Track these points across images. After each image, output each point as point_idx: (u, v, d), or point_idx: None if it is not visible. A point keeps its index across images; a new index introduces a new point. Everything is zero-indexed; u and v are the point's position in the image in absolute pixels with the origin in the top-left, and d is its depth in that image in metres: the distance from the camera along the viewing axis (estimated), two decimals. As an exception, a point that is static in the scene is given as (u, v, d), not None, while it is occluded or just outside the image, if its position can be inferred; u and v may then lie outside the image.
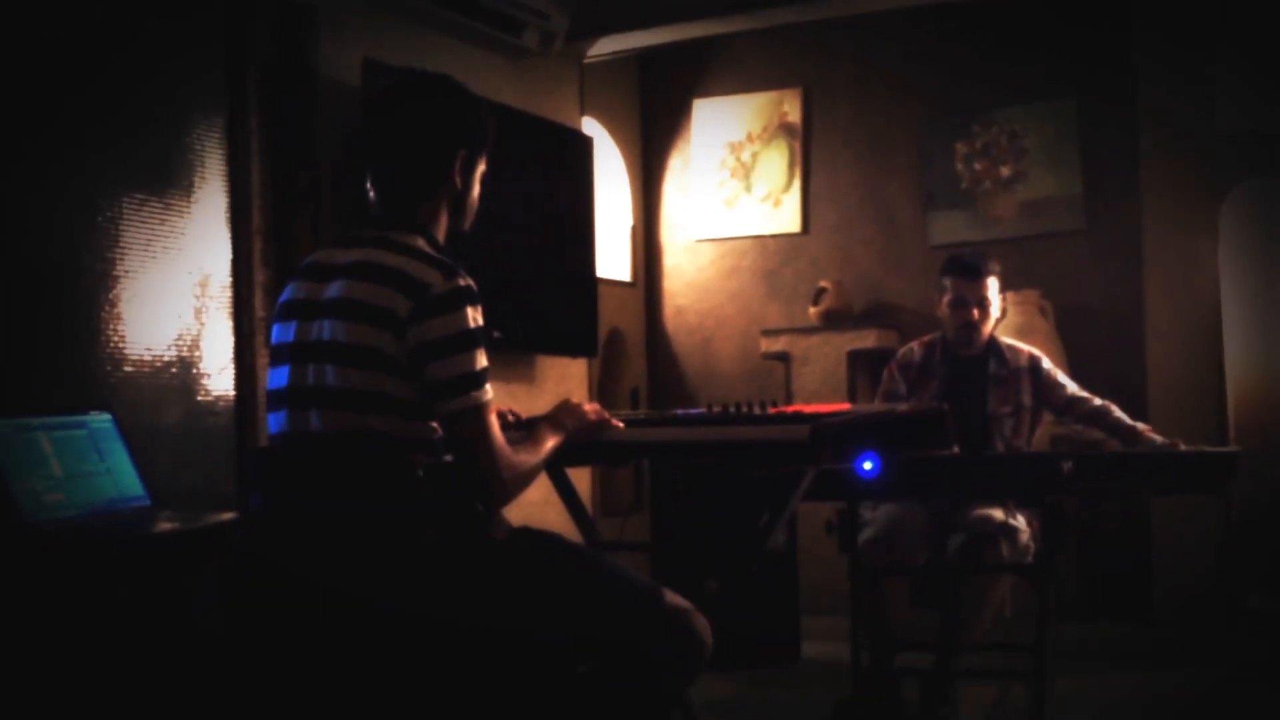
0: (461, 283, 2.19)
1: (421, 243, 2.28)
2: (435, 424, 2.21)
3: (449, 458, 2.23)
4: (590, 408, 2.60)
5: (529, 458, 2.31)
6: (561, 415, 2.52)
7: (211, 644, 2.68)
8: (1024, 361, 3.98)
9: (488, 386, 2.20)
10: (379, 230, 2.31)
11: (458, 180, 2.36)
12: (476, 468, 2.19)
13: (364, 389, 2.17)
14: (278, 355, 2.30)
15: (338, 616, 2.15)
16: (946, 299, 3.99)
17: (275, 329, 2.33)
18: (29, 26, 3.25)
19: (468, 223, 2.44)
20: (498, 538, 2.24)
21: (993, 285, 3.96)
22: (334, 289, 2.23)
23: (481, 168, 2.43)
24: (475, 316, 2.20)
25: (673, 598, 2.30)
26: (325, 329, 2.21)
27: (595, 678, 2.30)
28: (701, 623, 2.31)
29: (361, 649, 2.18)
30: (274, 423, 2.29)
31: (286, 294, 2.33)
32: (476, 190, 2.43)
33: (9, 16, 3.19)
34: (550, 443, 2.41)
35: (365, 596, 2.12)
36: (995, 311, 4.00)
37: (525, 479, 2.28)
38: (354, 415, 2.17)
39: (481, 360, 2.20)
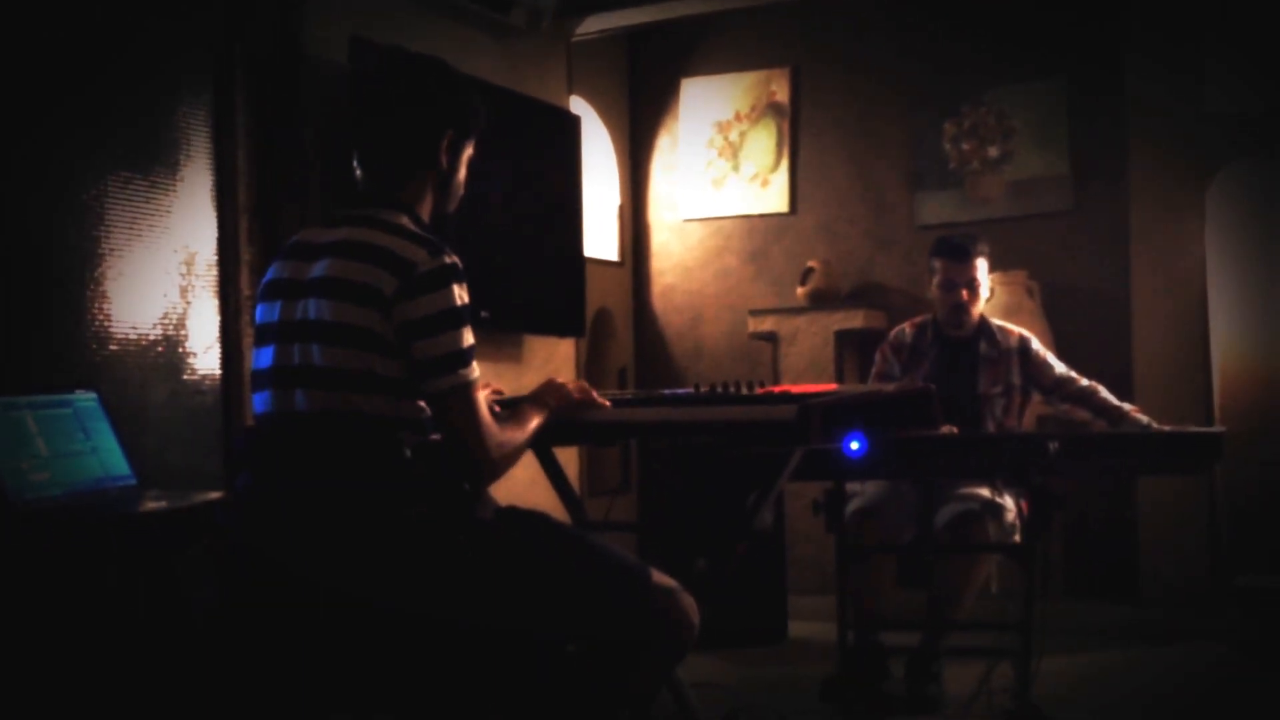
0: (447, 260, 2.18)
1: (406, 221, 2.27)
2: (422, 403, 2.21)
3: (436, 436, 2.22)
4: (574, 385, 2.60)
5: (515, 435, 2.32)
6: (545, 394, 2.53)
7: (199, 622, 2.67)
8: (1014, 342, 4.02)
9: (474, 364, 2.20)
10: (364, 209, 2.30)
11: (444, 160, 2.35)
12: (463, 446, 2.19)
13: (350, 368, 2.16)
14: (262, 335, 2.29)
15: (326, 596, 2.14)
16: (936, 281, 4.03)
17: (259, 309, 2.32)
18: (11, 5, 3.22)
19: (453, 205, 2.44)
20: (485, 517, 2.24)
21: (981, 266, 4.00)
22: (319, 268, 2.22)
23: (469, 151, 2.42)
24: (461, 294, 2.19)
25: (659, 577, 2.30)
26: (310, 308, 2.20)
27: (582, 657, 2.30)
28: (688, 602, 2.31)
29: (350, 628, 2.18)
30: (259, 403, 2.28)
31: (271, 273, 2.33)
32: (463, 173, 2.42)
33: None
34: (535, 421, 2.42)
35: (353, 576, 2.12)
36: (984, 292, 4.04)
37: (512, 457, 2.28)
38: (340, 394, 2.17)
39: (468, 338, 2.19)
